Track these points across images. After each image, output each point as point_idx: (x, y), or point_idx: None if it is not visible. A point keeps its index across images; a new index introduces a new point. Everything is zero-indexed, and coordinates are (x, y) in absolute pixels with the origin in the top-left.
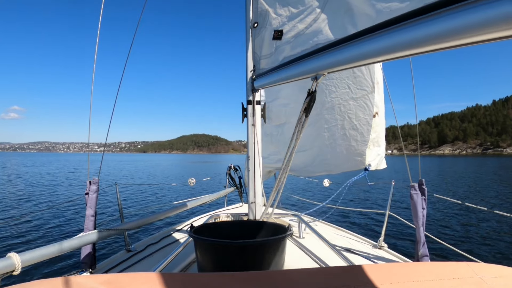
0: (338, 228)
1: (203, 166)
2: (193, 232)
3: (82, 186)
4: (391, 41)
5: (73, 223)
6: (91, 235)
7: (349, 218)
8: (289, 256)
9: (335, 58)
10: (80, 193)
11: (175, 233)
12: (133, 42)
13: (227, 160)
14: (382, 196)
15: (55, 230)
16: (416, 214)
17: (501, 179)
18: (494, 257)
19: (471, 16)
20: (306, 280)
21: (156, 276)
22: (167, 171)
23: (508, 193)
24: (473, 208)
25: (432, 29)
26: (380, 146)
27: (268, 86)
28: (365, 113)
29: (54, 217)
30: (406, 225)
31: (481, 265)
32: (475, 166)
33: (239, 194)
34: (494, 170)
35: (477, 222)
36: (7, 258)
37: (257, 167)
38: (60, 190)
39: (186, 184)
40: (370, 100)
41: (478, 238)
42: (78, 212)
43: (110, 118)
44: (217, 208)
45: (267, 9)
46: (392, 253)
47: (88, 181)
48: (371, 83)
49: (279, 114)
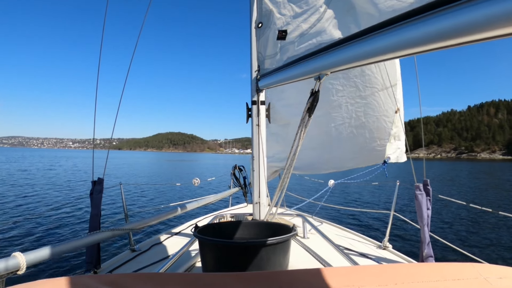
0: (342, 229)
1: (181, 165)
2: (198, 232)
3: (63, 187)
4: (394, 39)
5: (77, 223)
6: (95, 235)
7: (353, 218)
8: (294, 257)
9: (337, 58)
10: (61, 195)
11: (179, 233)
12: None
13: (203, 159)
14: (386, 196)
15: (59, 230)
16: (421, 215)
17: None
18: (499, 258)
19: (476, 13)
20: (310, 280)
21: (161, 276)
22: (146, 170)
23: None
24: (478, 209)
25: (436, 27)
26: (401, 140)
27: (272, 86)
28: (375, 110)
29: (60, 217)
30: (411, 225)
31: (486, 266)
32: (449, 169)
33: (244, 194)
34: (472, 173)
35: (482, 223)
36: (12, 258)
37: (261, 167)
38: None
39: (191, 184)
40: (381, 97)
41: (483, 239)
42: (83, 212)
43: (116, 114)
44: (222, 208)
45: (271, 9)
46: (396, 254)
47: (92, 181)
48: (382, 81)
49: (283, 114)
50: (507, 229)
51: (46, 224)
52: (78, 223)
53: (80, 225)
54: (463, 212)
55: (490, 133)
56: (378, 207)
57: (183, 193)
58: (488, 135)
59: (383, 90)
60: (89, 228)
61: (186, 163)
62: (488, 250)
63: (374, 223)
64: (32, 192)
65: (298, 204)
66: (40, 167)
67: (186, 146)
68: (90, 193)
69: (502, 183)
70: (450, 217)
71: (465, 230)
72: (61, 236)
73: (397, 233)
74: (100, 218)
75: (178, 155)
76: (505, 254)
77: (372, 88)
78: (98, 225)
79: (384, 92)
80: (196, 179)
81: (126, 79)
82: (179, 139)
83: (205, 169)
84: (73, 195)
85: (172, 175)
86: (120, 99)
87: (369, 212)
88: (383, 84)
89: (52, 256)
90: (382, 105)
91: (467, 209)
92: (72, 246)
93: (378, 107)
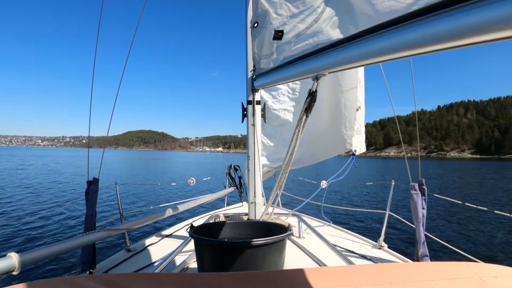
0: (338, 228)
1: (154, 164)
2: (193, 232)
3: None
4: (392, 41)
5: (73, 223)
6: (91, 235)
7: (349, 218)
8: (289, 256)
9: (336, 58)
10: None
11: (175, 233)
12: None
13: (175, 157)
14: (382, 196)
15: (55, 230)
16: (416, 214)
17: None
18: (494, 257)
19: (473, 17)
20: (306, 280)
21: (156, 276)
22: (119, 169)
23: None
24: (473, 208)
25: (432, 29)
26: (362, 135)
27: (268, 86)
28: (352, 105)
29: (54, 217)
30: (406, 225)
31: (481, 265)
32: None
33: (239, 194)
34: (448, 172)
35: (477, 222)
36: (7, 258)
37: (257, 167)
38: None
39: (186, 184)
40: (355, 94)
41: (478, 238)
42: (78, 212)
43: (112, 112)
44: (217, 208)
45: (267, 9)
46: (392, 253)
47: (87, 181)
48: (349, 81)
49: (278, 114)
50: (502, 228)
51: (41, 224)
52: (73, 223)
53: (76, 225)
54: (458, 211)
55: (459, 132)
56: (373, 207)
57: (174, 192)
58: (458, 135)
59: (349, 90)
60: (84, 228)
61: (159, 161)
62: (483, 249)
63: (370, 223)
64: (27, 191)
65: (294, 204)
66: (39, 167)
67: (157, 144)
68: (86, 193)
69: (483, 181)
70: (446, 216)
71: (460, 229)
72: (56, 236)
73: (393, 232)
74: (95, 218)
75: (149, 153)
76: (500, 253)
77: (351, 84)
78: (94, 225)
79: (350, 91)
80: (191, 178)
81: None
82: (150, 137)
83: (180, 168)
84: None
85: (148, 174)
86: (116, 96)
87: (365, 212)
88: (351, 84)
89: (47, 257)
90: (348, 102)
91: (462, 208)
92: (67, 246)
93: (346, 103)
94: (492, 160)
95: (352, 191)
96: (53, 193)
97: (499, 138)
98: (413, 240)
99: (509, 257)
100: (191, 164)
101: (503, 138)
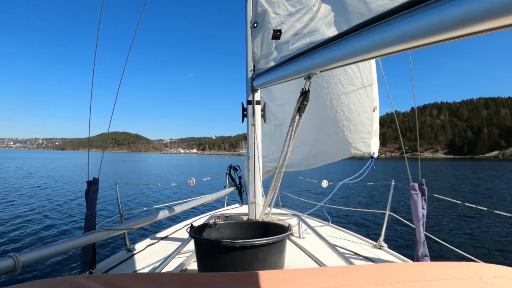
0: (338, 228)
1: (129, 165)
2: (193, 232)
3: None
4: (380, 36)
5: (73, 223)
6: (91, 235)
7: (349, 218)
8: (289, 256)
9: (325, 57)
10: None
11: (175, 233)
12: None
13: (149, 159)
14: (382, 196)
15: (55, 231)
16: (416, 214)
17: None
18: (494, 257)
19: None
20: (306, 280)
21: (156, 276)
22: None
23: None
24: (473, 208)
25: (423, 22)
26: (377, 136)
27: (266, 85)
28: (357, 105)
29: (54, 217)
30: (406, 225)
31: (481, 265)
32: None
33: (239, 194)
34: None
35: (477, 222)
36: (7, 258)
37: (257, 167)
38: None
39: (186, 183)
40: (361, 95)
41: (478, 238)
42: (78, 212)
43: (111, 112)
44: (217, 208)
45: (266, 8)
46: (392, 253)
47: (87, 181)
48: (361, 80)
49: (277, 114)
50: (502, 228)
51: (41, 225)
52: (73, 224)
53: (76, 225)
54: (458, 211)
55: (432, 133)
56: (373, 207)
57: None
58: (431, 135)
59: (362, 89)
60: (85, 228)
61: (134, 163)
62: (483, 249)
63: (370, 223)
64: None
65: (294, 204)
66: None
67: (131, 146)
68: (86, 193)
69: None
70: (445, 216)
71: (460, 229)
72: (56, 236)
73: (393, 232)
74: (95, 218)
75: (123, 155)
76: (500, 253)
77: (353, 85)
78: (94, 225)
79: (363, 90)
80: (191, 179)
81: None
82: (124, 139)
83: (153, 169)
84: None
85: (123, 176)
86: (116, 97)
87: (365, 212)
88: (362, 83)
89: (47, 257)
90: (362, 102)
91: (462, 208)
92: (67, 246)
93: (359, 104)
94: (465, 160)
95: (352, 191)
96: (50, 194)
97: (472, 139)
98: (413, 240)
99: (509, 257)
100: (164, 166)
101: (476, 138)
